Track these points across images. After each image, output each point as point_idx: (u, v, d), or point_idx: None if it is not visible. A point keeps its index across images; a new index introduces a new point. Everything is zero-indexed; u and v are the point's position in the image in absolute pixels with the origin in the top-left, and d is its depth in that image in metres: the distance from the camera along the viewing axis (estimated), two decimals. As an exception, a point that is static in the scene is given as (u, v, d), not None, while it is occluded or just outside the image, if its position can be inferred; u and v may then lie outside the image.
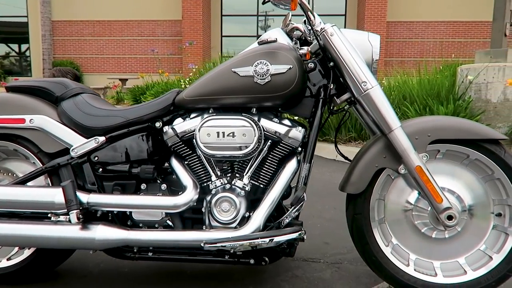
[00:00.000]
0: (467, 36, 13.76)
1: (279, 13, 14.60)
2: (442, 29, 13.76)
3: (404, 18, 13.57)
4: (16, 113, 1.57)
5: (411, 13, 13.63)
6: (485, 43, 13.61)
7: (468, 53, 13.84)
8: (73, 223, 1.42)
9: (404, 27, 13.79)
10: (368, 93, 1.42)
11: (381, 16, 12.93)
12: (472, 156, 1.47)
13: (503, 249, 1.47)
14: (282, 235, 1.34)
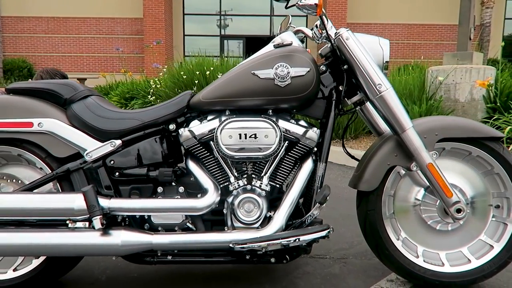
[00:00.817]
0: (421, 39, 14.48)
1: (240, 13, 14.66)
2: (398, 31, 14.39)
3: (363, 20, 14.05)
4: (23, 116, 1.50)
5: (369, 15, 14.14)
6: (438, 45, 14.43)
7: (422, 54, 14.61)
8: (96, 229, 1.38)
9: (363, 28, 14.25)
10: (383, 95, 1.49)
11: (341, 17, 13.31)
12: (474, 153, 1.59)
13: (502, 238, 1.59)
14: (311, 234, 1.38)
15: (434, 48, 14.45)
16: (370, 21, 14.17)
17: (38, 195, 1.43)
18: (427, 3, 14.16)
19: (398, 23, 14.35)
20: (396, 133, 1.53)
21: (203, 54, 6.57)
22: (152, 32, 13.06)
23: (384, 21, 14.16)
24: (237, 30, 14.79)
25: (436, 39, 14.52)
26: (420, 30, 14.44)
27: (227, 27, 14.82)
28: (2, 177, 1.58)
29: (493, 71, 3.86)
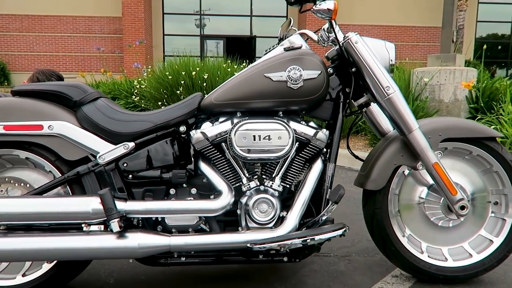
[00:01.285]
0: (398, 40, 14.79)
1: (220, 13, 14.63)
2: (375, 32, 14.66)
3: (341, 21, 14.23)
4: (32, 119, 1.48)
5: (347, 16, 14.34)
6: (414, 47, 14.80)
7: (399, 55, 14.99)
8: (113, 232, 1.37)
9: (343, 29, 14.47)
10: (392, 97, 1.54)
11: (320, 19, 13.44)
12: (475, 152, 1.66)
13: (501, 233, 1.68)
14: (329, 232, 1.42)
15: (411, 49, 14.80)
16: (349, 23, 14.38)
17: (52, 198, 1.41)
18: (404, 5, 14.52)
19: (375, 25, 14.63)
20: (403, 133, 1.58)
21: (184, 54, 6.53)
22: (132, 32, 12.87)
23: (362, 23, 14.41)
24: (217, 30, 14.75)
25: (412, 41, 14.89)
26: (397, 32, 14.78)
27: (207, 27, 14.76)
28: (10, 180, 1.55)
29: (475, 73, 4.02)
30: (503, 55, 16.30)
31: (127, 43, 12.52)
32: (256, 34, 14.60)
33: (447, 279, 1.66)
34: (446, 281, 1.67)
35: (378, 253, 2.00)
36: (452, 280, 1.67)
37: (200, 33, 14.73)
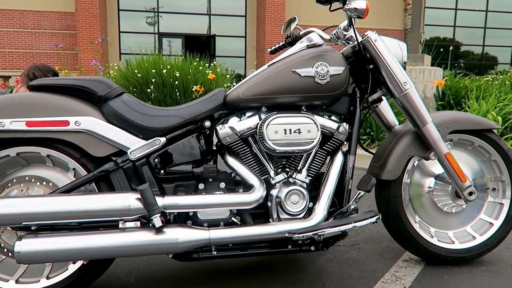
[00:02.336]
0: (352, 41, 15.37)
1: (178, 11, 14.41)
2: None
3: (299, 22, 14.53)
4: (56, 114, 1.42)
5: (305, 17, 14.68)
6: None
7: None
8: (154, 228, 1.35)
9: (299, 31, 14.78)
10: (409, 92, 1.65)
11: (280, 19, 13.69)
12: (476, 143, 1.81)
13: (500, 216, 1.84)
14: (364, 220, 1.49)
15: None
16: (307, 23, 14.72)
17: (89, 195, 1.36)
18: (357, 8, 15.07)
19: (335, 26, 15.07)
20: (417, 126, 1.69)
21: (140, 52, 6.40)
22: (86, 28, 12.35)
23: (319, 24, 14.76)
24: (175, 28, 14.51)
25: (365, 42, 15.52)
26: (352, 33, 15.34)
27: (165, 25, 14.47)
28: (31, 179, 1.47)
29: (441, 72, 4.31)
30: (446, 57, 17.46)
31: (82, 39, 12.04)
32: (215, 33, 14.54)
33: (455, 260, 1.80)
34: (453, 262, 1.81)
35: (383, 240, 2.12)
36: (459, 261, 1.81)
37: (157, 30, 14.42)
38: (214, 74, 5.87)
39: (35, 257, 1.28)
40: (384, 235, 2.20)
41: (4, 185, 1.46)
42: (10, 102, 1.41)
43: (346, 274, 1.75)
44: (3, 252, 1.46)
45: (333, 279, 1.71)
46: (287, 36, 2.09)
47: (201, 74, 5.99)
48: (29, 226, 1.37)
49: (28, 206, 1.30)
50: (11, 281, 1.45)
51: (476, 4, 16.41)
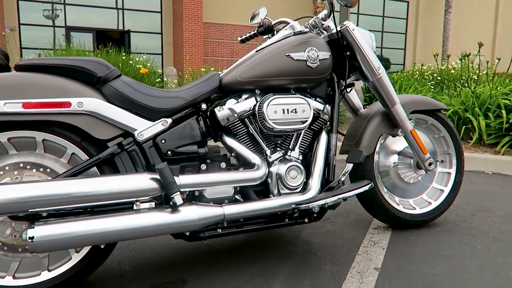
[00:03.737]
0: (267, 40, 15.90)
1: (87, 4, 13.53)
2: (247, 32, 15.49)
3: (217, 20, 14.67)
4: (57, 96, 1.34)
5: (222, 16, 14.85)
6: (281, 47, 16.08)
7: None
8: (171, 207, 1.36)
9: (216, 28, 14.91)
10: (381, 76, 1.86)
11: (197, 16, 13.63)
12: (429, 121, 2.11)
13: (449, 183, 2.16)
14: (359, 188, 1.65)
15: (278, 49, 16.07)
16: (223, 22, 14.90)
17: (103, 178, 1.31)
18: (272, 8, 15.65)
19: (247, 25, 15.44)
20: (387, 107, 1.92)
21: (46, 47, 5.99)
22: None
23: (236, 23, 15.06)
24: (85, 22, 13.59)
25: (279, 42, 16.18)
26: (267, 33, 15.87)
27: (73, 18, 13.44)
28: (26, 166, 1.37)
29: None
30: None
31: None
32: (130, 29, 13.94)
33: (417, 223, 2.08)
34: (416, 225, 2.09)
35: (350, 214, 2.35)
36: (420, 224, 2.09)
37: (64, 23, 13.37)
38: (146, 68, 5.71)
39: (52, 244, 1.20)
40: (349, 210, 2.43)
41: (-5, 173, 1.33)
42: (4, 82, 1.29)
43: (330, 243, 1.92)
44: (-2, 246, 1.34)
45: (321, 248, 1.86)
46: (259, 26, 2.18)
47: (131, 68, 5.77)
48: (32, 213, 1.28)
49: (39, 190, 1.21)
50: (7, 277, 1.34)
51: (374, 11, 18.07)
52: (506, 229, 2.11)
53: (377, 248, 1.86)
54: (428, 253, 1.81)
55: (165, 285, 1.53)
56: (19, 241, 1.35)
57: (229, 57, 15.22)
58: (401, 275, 1.60)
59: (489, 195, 2.78)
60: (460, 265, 1.69)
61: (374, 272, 1.63)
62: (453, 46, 15.03)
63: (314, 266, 1.68)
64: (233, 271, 1.64)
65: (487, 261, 1.73)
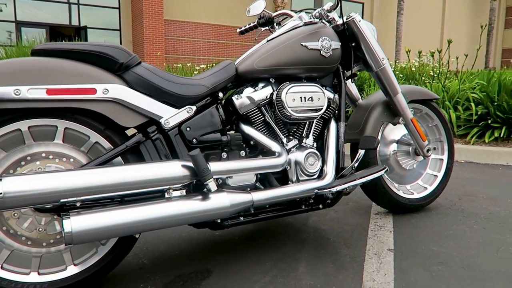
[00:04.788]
0: (229, 39, 15.90)
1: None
2: (209, 30, 15.40)
3: (178, 17, 14.43)
4: (81, 82, 1.29)
5: (183, 13, 14.63)
6: (243, 46, 16.13)
7: (230, 53, 16.11)
8: (202, 194, 1.34)
9: (177, 26, 14.66)
10: (385, 66, 1.94)
11: (158, 13, 13.35)
12: (424, 110, 2.22)
13: (441, 169, 2.29)
14: (376, 173, 1.70)
15: (240, 48, 16.11)
16: (184, 19, 14.69)
17: (135, 165, 1.26)
18: (232, 7, 15.64)
19: (209, 23, 15.34)
20: (389, 96, 2.00)
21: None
22: None
23: (196, 20, 14.90)
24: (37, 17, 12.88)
25: (241, 40, 16.21)
26: (228, 31, 15.83)
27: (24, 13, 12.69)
28: (48, 156, 1.30)
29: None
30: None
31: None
32: (86, 25, 13.38)
33: (415, 208, 2.18)
34: (414, 210, 2.19)
35: (348, 202, 2.43)
36: (417, 208, 2.20)
37: (13, 19, 12.60)
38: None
39: (90, 235, 1.15)
40: (347, 198, 2.50)
41: (16, 164, 1.25)
42: (26, 66, 1.22)
43: (339, 229, 1.97)
44: (20, 241, 1.26)
45: (332, 234, 1.91)
46: (260, 17, 2.19)
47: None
48: (60, 205, 1.22)
49: (75, 179, 1.16)
50: (32, 273, 1.26)
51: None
52: (493, 210, 2.27)
53: (385, 232, 1.93)
54: (431, 234, 1.91)
55: (191, 275, 1.51)
56: (43, 235, 1.28)
57: (190, 55, 15.03)
58: (414, 254, 1.68)
59: (468, 181, 2.97)
60: (464, 243, 1.80)
61: (389, 253, 1.70)
62: (406, 46, 15.79)
63: (331, 250, 1.73)
64: (254, 258, 1.65)
65: (486, 239, 1.85)
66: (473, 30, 21.49)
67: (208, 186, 1.34)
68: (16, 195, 1.08)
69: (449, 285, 1.43)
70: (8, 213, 1.24)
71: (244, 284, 1.44)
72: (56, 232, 1.30)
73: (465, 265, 1.58)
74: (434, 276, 1.50)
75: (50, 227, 1.29)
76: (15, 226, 1.25)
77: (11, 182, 1.09)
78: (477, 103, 3.88)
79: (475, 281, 1.46)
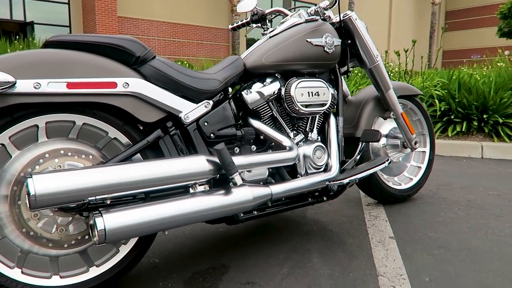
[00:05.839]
0: (185, 37, 15.68)
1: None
2: (164, 29, 15.09)
3: (132, 15, 14.01)
4: (101, 75, 1.24)
5: (137, 10, 14.23)
6: (198, 45, 15.98)
7: (186, 52, 15.88)
8: (225, 189, 1.33)
9: (131, 23, 14.24)
10: (379, 63, 2.03)
11: (111, 10, 12.89)
12: (409, 106, 2.35)
13: (424, 160, 2.43)
14: (381, 164, 1.77)
15: (196, 47, 15.95)
16: (139, 17, 14.29)
17: (160, 161, 1.23)
18: (188, 5, 15.45)
19: (164, 21, 15.04)
20: (382, 91, 2.09)
21: None
22: None
23: (151, 18, 14.56)
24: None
25: (197, 39, 16.05)
26: (184, 30, 15.62)
27: None
28: (67, 153, 1.24)
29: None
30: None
31: None
32: (33, 20, 12.62)
33: (404, 198, 2.30)
34: (403, 200, 2.31)
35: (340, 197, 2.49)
36: (405, 198, 2.32)
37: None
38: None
39: (123, 232, 1.11)
40: (335, 191, 2.58)
41: (34, 162, 1.18)
42: (45, 59, 1.16)
43: (338, 220, 2.04)
44: (41, 242, 1.19)
45: (333, 225, 1.97)
46: (253, 14, 2.20)
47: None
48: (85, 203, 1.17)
49: (105, 176, 1.12)
50: (54, 276, 1.20)
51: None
52: (471, 198, 2.44)
53: (381, 221, 2.02)
54: (423, 221, 2.02)
55: (208, 271, 1.50)
56: (65, 235, 1.22)
57: (145, 54, 14.63)
58: (414, 241, 1.78)
59: (440, 172, 3.17)
60: (455, 228, 1.93)
61: (391, 240, 1.78)
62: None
63: (337, 240, 1.78)
64: (266, 252, 1.67)
65: (473, 223, 2.00)
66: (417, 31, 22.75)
67: (234, 180, 1.34)
68: (49, 193, 1.03)
69: (454, 266, 1.53)
70: (28, 214, 1.16)
71: (265, 276, 1.46)
72: (78, 233, 1.24)
73: (463, 248, 1.70)
74: (438, 259, 1.60)
75: (72, 227, 1.23)
76: (36, 227, 1.18)
77: (42, 180, 1.03)
78: (440, 100, 4.15)
79: (475, 261, 1.57)
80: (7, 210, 1.15)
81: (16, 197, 1.15)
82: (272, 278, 1.44)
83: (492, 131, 3.94)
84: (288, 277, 1.45)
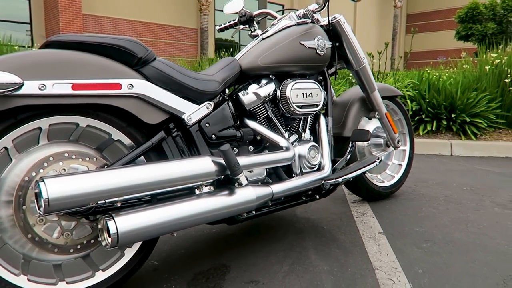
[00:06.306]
0: (152, 36, 15.41)
1: None
2: (131, 27, 14.77)
3: (98, 12, 13.62)
4: (106, 76, 1.23)
5: (103, 8, 13.84)
6: (166, 44, 15.75)
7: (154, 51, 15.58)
8: (229, 189, 1.35)
9: (96, 21, 13.84)
10: (365, 65, 2.10)
11: (76, 7, 12.47)
12: (391, 106, 2.45)
13: (405, 159, 2.54)
14: (372, 163, 1.84)
15: (163, 46, 15.71)
16: (104, 14, 13.92)
17: (165, 163, 1.22)
18: (155, 4, 15.20)
19: (130, 20, 14.72)
20: (367, 92, 2.17)
21: None
22: None
23: (117, 16, 14.21)
24: None
25: (164, 38, 15.81)
26: (151, 28, 15.34)
27: None
28: (71, 156, 1.21)
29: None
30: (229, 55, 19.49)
31: None
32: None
33: (387, 195, 2.40)
34: (386, 196, 2.40)
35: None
36: (388, 195, 2.41)
37: None
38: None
39: (134, 235, 1.10)
40: (320, 190, 2.64)
41: (39, 166, 1.15)
42: (49, 59, 1.13)
43: (328, 218, 2.10)
44: (47, 248, 1.16)
45: (324, 222, 2.02)
46: (241, 15, 2.22)
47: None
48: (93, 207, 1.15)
49: (116, 179, 1.10)
50: (60, 283, 1.17)
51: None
52: (447, 193, 2.57)
53: (368, 218, 2.10)
54: (408, 216, 2.12)
55: (210, 271, 1.51)
56: (71, 240, 1.19)
57: (111, 53, 14.27)
58: (403, 235, 1.86)
59: (415, 170, 3.30)
60: (438, 222, 2.03)
61: (381, 236, 1.86)
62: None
63: (330, 237, 1.84)
64: (264, 250, 1.69)
65: (454, 217, 2.11)
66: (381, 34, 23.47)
67: (240, 180, 1.36)
68: (63, 197, 1.01)
69: (443, 258, 1.62)
70: (33, 219, 1.13)
71: (267, 274, 1.48)
72: (84, 237, 1.22)
73: (448, 241, 1.80)
74: (427, 252, 1.68)
75: (77, 231, 1.20)
76: (41, 233, 1.14)
77: (55, 184, 1.01)
78: (411, 100, 4.32)
79: (461, 253, 1.67)
80: (12, 215, 1.11)
81: (21, 202, 1.12)
82: (274, 276, 1.47)
83: (459, 129, 4.16)
84: (290, 274, 1.49)
